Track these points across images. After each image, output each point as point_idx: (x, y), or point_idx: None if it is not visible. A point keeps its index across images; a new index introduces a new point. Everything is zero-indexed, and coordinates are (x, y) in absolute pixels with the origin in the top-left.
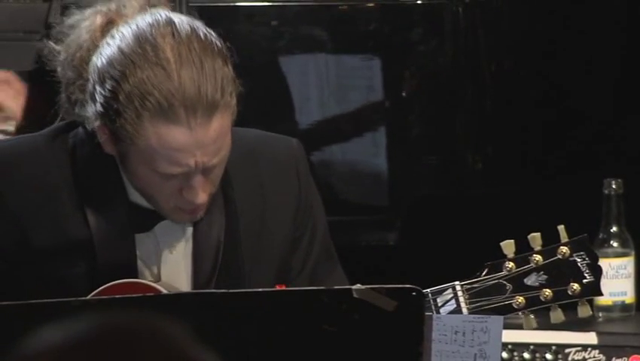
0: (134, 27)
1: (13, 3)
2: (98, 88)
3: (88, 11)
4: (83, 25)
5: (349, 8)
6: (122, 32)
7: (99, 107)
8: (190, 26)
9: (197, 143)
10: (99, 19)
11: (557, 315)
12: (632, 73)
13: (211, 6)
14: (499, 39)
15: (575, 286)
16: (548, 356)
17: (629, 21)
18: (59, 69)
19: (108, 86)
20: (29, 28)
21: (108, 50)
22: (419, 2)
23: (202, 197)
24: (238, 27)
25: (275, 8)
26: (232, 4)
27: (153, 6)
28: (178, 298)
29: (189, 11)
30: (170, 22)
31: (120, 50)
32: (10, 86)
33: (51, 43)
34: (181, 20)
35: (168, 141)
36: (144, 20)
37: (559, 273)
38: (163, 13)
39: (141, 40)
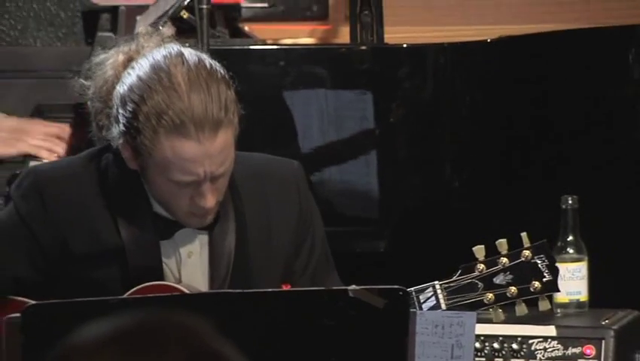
0: (150, 58)
1: (62, 47)
2: (120, 111)
3: (112, 51)
4: (107, 63)
5: (346, 50)
6: (140, 63)
7: (121, 127)
8: (198, 57)
9: (205, 154)
10: (121, 57)
11: (521, 309)
12: (585, 108)
13: (229, 49)
14: (472, 77)
15: (536, 284)
16: (514, 345)
17: (586, 59)
18: (88, 102)
19: (129, 108)
20: (75, 67)
21: (129, 78)
22: (404, 46)
23: (210, 202)
24: (251, 67)
25: (282, 51)
26: (246, 47)
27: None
28: (200, 297)
29: (209, 53)
30: (180, 54)
31: (138, 77)
32: (63, 140)
33: (81, 80)
34: (190, 52)
35: (180, 152)
36: (158, 52)
37: (523, 273)
38: (174, 47)
39: (157, 68)
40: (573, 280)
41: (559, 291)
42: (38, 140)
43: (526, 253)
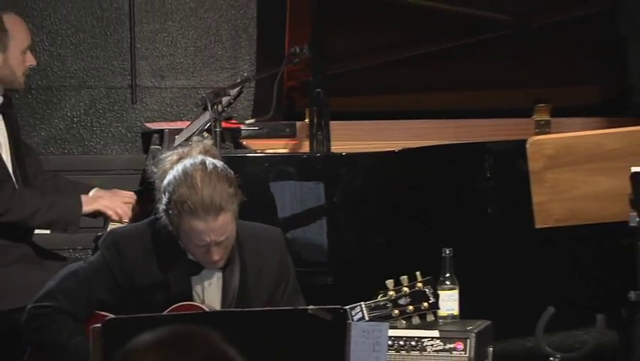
0: (183, 165)
1: (128, 155)
2: (162, 196)
3: (170, 152)
4: (167, 159)
5: (307, 156)
6: (177, 167)
7: (163, 207)
8: (214, 164)
9: (210, 230)
10: (175, 157)
11: (416, 320)
12: (457, 194)
13: (233, 155)
14: (387, 173)
15: (425, 304)
16: (412, 343)
17: (457, 162)
18: (156, 181)
19: (166, 196)
20: (137, 167)
21: (169, 176)
22: (343, 154)
23: (216, 257)
24: (247, 167)
25: (267, 157)
26: (244, 154)
27: (207, 151)
28: (215, 314)
29: (222, 158)
30: (203, 162)
31: (174, 176)
32: (129, 205)
33: (152, 167)
34: (209, 162)
35: (194, 228)
36: (189, 161)
37: (417, 297)
38: (199, 157)
39: (184, 172)
40: (449, 302)
41: (439, 309)
42: (108, 202)
43: (419, 285)
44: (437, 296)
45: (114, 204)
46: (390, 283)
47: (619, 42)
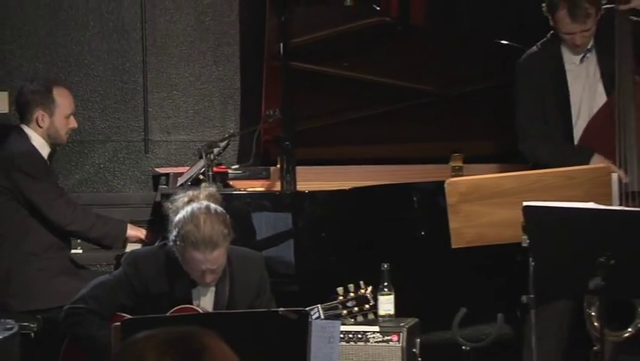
0: (190, 207)
1: (141, 193)
2: (173, 229)
3: (181, 194)
4: (179, 199)
5: (279, 194)
6: (187, 209)
7: (172, 238)
8: (215, 209)
9: (206, 260)
10: (185, 198)
11: (360, 318)
12: (392, 223)
13: (222, 193)
14: (340, 206)
15: (367, 306)
16: (359, 336)
17: (393, 196)
18: (169, 215)
19: (175, 230)
20: (148, 202)
21: (180, 214)
22: (306, 191)
23: (209, 280)
24: (233, 202)
25: (247, 194)
26: (230, 192)
27: (212, 195)
28: (208, 315)
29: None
30: (207, 207)
31: (183, 216)
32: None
33: (168, 204)
34: (212, 207)
35: (194, 257)
36: (197, 205)
37: (361, 301)
38: (205, 203)
39: (191, 213)
40: (387, 304)
41: (377, 310)
42: (139, 232)
43: (362, 291)
44: (376, 300)
45: (142, 233)
46: (340, 290)
47: (514, 105)
